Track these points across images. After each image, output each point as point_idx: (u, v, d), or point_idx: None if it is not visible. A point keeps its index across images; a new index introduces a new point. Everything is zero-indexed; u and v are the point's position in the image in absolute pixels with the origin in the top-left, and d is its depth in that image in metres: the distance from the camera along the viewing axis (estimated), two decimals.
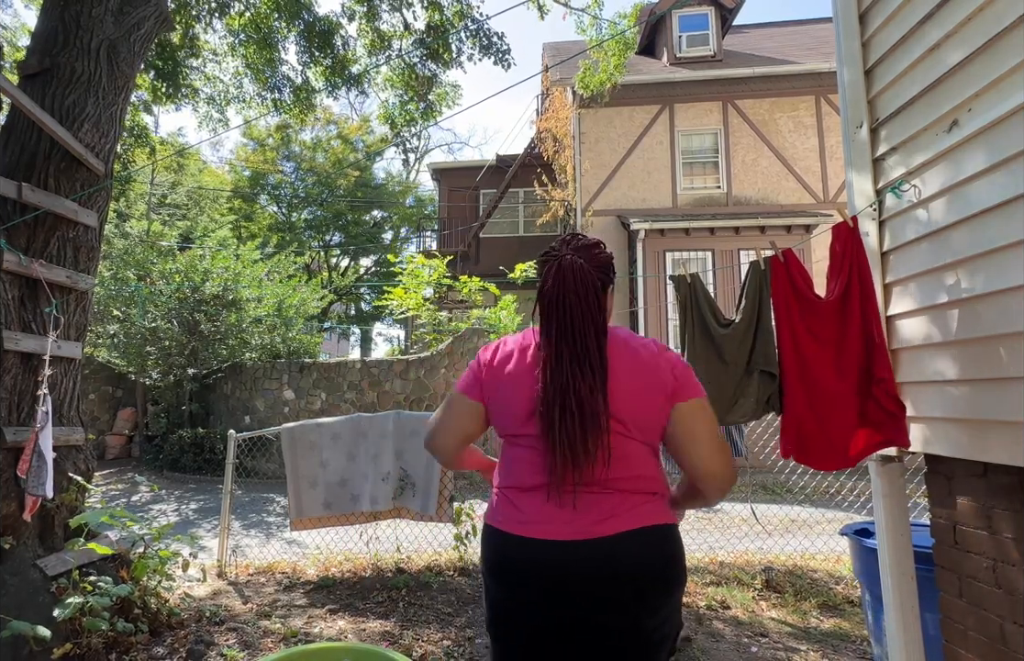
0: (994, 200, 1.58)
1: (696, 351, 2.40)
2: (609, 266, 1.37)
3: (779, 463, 6.32)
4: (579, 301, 1.24)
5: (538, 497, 1.22)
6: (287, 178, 21.91)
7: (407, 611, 3.51)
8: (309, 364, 10.22)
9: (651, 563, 1.18)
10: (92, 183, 3.48)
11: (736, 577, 4.09)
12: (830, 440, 2.08)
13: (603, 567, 1.15)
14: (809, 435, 2.12)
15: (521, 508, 1.24)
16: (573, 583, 1.16)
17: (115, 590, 2.79)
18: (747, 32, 14.86)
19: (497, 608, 1.27)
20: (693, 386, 1.27)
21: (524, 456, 1.26)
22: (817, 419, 2.10)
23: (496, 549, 1.25)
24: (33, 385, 3.04)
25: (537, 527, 1.20)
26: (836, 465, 2.09)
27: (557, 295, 1.25)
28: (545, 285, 1.28)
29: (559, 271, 1.27)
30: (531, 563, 1.19)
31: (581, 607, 1.16)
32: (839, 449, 2.06)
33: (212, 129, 8.28)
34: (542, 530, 1.19)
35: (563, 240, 1.36)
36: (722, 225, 10.15)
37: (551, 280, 1.27)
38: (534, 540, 1.19)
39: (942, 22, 1.76)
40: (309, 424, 4.28)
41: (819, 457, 2.11)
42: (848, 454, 2.05)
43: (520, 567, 1.20)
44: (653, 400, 1.24)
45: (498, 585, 1.25)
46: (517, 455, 1.28)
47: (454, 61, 7.12)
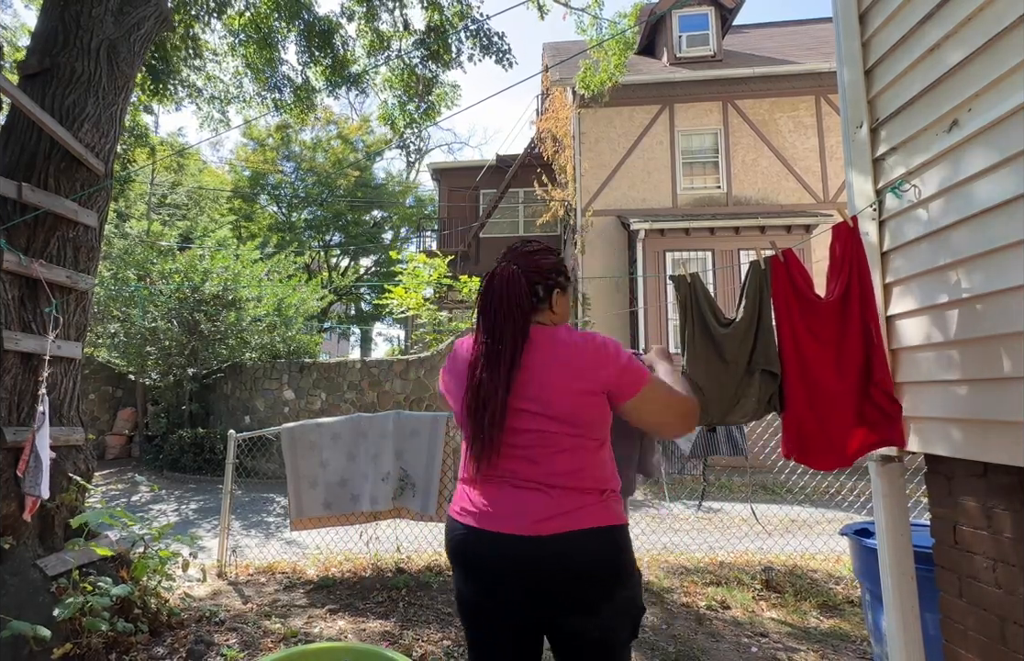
0: (994, 200, 1.58)
1: (696, 351, 2.40)
2: (552, 270, 1.42)
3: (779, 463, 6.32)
4: (502, 305, 1.33)
5: (476, 489, 1.33)
6: (287, 178, 21.90)
7: (407, 611, 3.52)
8: (309, 364, 10.22)
9: (595, 563, 1.23)
10: (92, 183, 3.48)
11: (736, 577, 4.09)
12: (829, 440, 2.08)
13: (550, 564, 1.21)
14: (809, 435, 2.12)
15: (468, 498, 1.34)
16: (523, 577, 1.23)
17: (115, 590, 2.79)
18: (747, 32, 14.86)
19: (459, 595, 1.37)
20: (634, 379, 1.31)
21: (466, 449, 1.36)
22: (817, 419, 2.10)
23: (453, 539, 1.35)
24: (33, 385, 3.04)
25: (488, 520, 1.27)
26: (834, 464, 2.09)
27: (484, 302, 1.36)
28: (480, 291, 1.40)
29: (490, 279, 1.38)
30: (482, 553, 1.27)
31: (530, 600, 1.24)
32: (837, 448, 2.07)
33: (212, 129, 8.29)
34: (492, 523, 1.26)
35: (509, 248, 1.46)
36: (722, 225, 10.15)
37: (483, 287, 1.39)
38: (484, 531, 1.27)
39: (942, 22, 1.76)
40: (309, 424, 4.28)
41: (818, 457, 2.12)
42: (846, 453, 2.06)
43: (472, 556, 1.29)
44: (587, 397, 1.28)
45: (458, 573, 1.35)
46: (465, 448, 1.38)
47: (454, 61, 7.12)
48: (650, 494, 7.53)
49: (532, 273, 1.38)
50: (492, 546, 1.25)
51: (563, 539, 1.21)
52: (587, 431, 1.28)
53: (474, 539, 1.28)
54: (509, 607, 1.26)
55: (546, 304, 1.40)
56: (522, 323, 1.32)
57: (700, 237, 10.30)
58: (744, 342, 2.30)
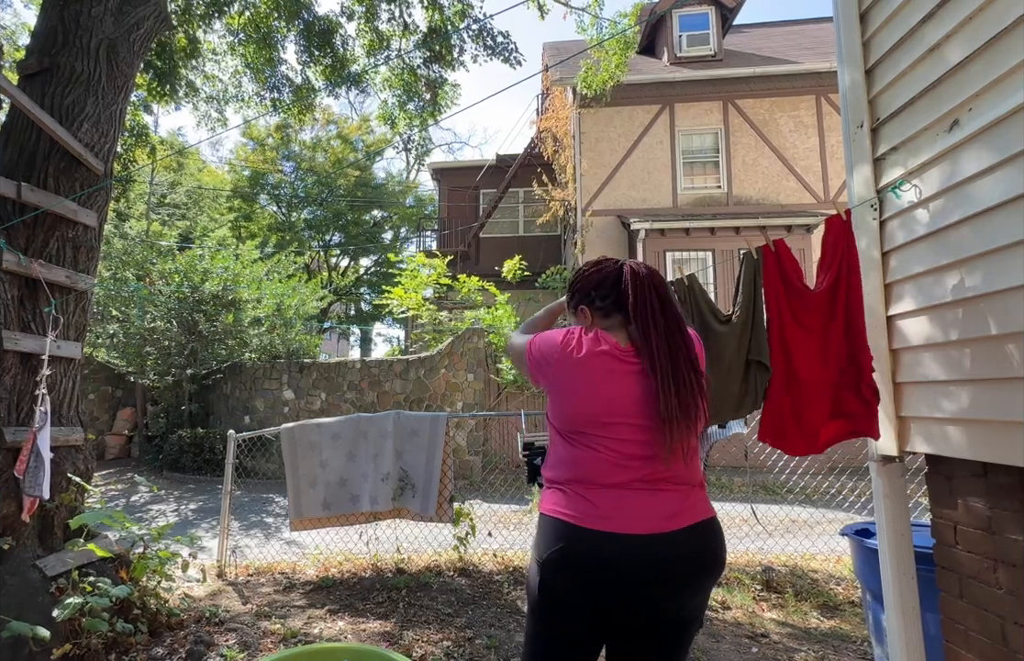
0: (995, 200, 1.58)
1: None
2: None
3: (779, 463, 6.32)
4: (665, 289, 1.38)
5: (625, 495, 1.26)
6: (287, 178, 21.89)
7: (407, 611, 3.51)
8: (309, 364, 10.21)
9: (714, 551, 1.29)
10: (92, 183, 3.47)
11: (736, 577, 4.09)
12: (803, 427, 2.11)
13: (678, 559, 1.23)
14: (785, 420, 2.16)
15: (606, 505, 1.26)
16: (655, 572, 1.22)
17: (114, 591, 2.79)
18: (747, 32, 14.86)
19: (555, 594, 1.27)
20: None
21: (596, 455, 1.29)
22: (794, 405, 2.14)
23: (582, 547, 1.24)
24: (33, 385, 3.04)
25: (627, 522, 1.24)
26: (806, 451, 2.14)
27: (646, 298, 1.35)
28: (625, 289, 1.37)
29: (636, 276, 1.37)
30: (620, 557, 1.22)
31: (682, 595, 1.25)
32: (810, 435, 2.11)
33: (212, 129, 8.28)
34: (631, 524, 1.23)
35: (611, 260, 1.50)
36: (722, 225, 10.15)
37: (632, 284, 1.37)
38: (625, 536, 1.22)
39: (942, 22, 1.76)
40: (309, 424, 4.27)
41: (792, 443, 2.14)
42: (818, 441, 2.09)
43: (607, 561, 1.22)
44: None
45: (572, 578, 1.25)
46: (586, 454, 1.30)
47: (456, 62, 7.11)
48: None
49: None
50: (633, 549, 1.22)
51: (694, 531, 1.26)
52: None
53: (616, 544, 1.22)
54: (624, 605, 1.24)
55: None
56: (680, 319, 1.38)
57: (700, 237, 10.30)
58: (743, 336, 2.31)
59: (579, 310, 1.48)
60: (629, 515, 1.24)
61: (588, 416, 1.30)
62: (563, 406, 1.35)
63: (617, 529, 1.22)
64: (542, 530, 1.31)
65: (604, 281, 1.43)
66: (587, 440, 1.30)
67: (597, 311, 1.43)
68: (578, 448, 1.31)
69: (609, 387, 1.30)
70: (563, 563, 1.24)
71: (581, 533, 1.24)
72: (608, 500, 1.26)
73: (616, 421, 1.28)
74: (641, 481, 1.26)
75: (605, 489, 1.27)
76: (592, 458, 1.29)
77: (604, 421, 1.29)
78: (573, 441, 1.33)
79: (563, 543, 1.25)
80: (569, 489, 1.30)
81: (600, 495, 1.26)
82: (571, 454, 1.32)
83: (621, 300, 1.38)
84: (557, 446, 1.38)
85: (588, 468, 1.29)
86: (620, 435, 1.28)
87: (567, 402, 1.34)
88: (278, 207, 22.17)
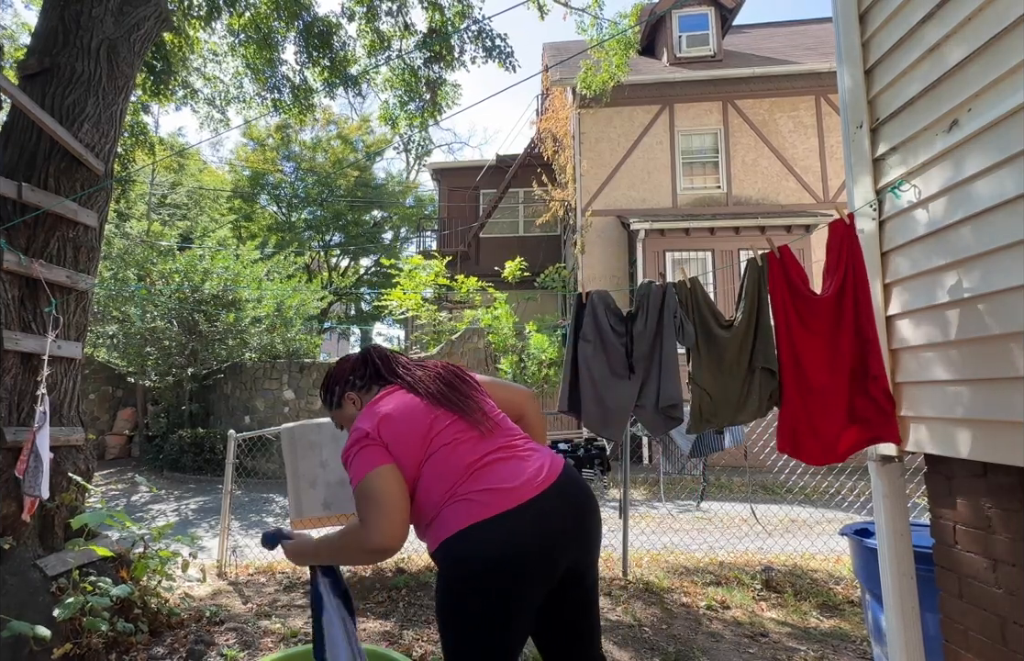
0: (994, 200, 1.58)
1: (701, 357, 2.40)
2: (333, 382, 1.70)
3: (779, 463, 6.32)
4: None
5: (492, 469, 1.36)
6: (287, 178, 21.90)
7: (407, 611, 3.51)
8: (309, 364, 10.21)
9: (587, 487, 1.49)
10: (92, 183, 3.48)
11: (736, 577, 4.09)
12: (819, 435, 2.09)
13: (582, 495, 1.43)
14: (802, 430, 2.13)
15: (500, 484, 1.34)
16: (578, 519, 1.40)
17: (115, 590, 2.79)
18: (747, 32, 14.86)
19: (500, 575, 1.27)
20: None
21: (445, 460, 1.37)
22: (809, 414, 2.12)
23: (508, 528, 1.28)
24: (33, 385, 3.04)
25: (519, 492, 1.32)
26: (825, 460, 2.11)
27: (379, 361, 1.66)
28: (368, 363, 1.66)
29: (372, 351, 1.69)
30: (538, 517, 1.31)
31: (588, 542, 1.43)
32: (828, 444, 2.08)
33: (213, 129, 8.30)
34: (525, 491, 1.32)
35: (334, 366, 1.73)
36: (722, 225, 10.15)
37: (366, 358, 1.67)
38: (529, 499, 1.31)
39: (942, 22, 1.76)
40: (309, 424, 4.27)
41: (810, 452, 2.13)
42: (837, 450, 2.08)
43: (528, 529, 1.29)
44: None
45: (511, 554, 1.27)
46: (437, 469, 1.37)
47: (456, 62, 7.11)
48: (650, 494, 7.53)
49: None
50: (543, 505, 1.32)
51: (568, 473, 1.43)
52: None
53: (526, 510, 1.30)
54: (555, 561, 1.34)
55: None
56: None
57: (700, 237, 10.30)
58: (745, 341, 2.31)
59: (345, 399, 1.63)
60: (508, 488, 1.31)
61: (425, 442, 1.38)
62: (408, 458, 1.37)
63: (516, 502, 1.29)
64: (461, 544, 1.28)
65: (355, 367, 1.65)
66: (437, 456, 1.37)
67: (358, 391, 1.62)
68: (437, 465, 1.36)
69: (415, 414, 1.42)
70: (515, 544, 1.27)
71: (498, 520, 1.27)
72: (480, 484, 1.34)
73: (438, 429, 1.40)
74: (494, 453, 1.38)
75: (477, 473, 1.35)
76: (451, 465, 1.36)
77: (434, 435, 1.39)
78: (430, 466, 1.37)
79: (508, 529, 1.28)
80: (445, 508, 1.33)
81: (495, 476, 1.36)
82: (435, 476, 1.36)
83: (375, 371, 1.61)
84: (427, 491, 1.36)
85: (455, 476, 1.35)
86: (449, 435, 1.40)
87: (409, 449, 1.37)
88: (278, 207, 22.17)
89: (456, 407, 1.45)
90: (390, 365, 1.62)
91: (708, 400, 2.35)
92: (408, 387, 1.51)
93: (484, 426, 1.43)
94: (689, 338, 2.41)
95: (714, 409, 2.35)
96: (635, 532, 4.97)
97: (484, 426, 1.43)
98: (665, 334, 2.49)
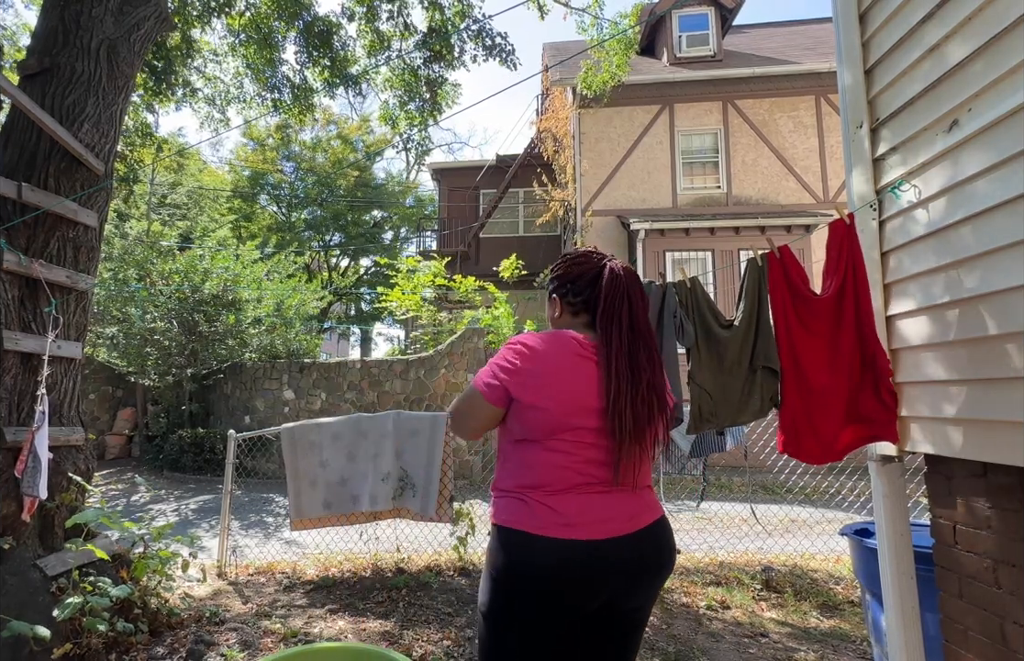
0: (994, 200, 1.58)
1: (701, 357, 2.39)
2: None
3: (779, 463, 6.32)
4: (642, 301, 1.34)
5: (592, 499, 1.26)
6: (287, 178, 21.90)
7: (407, 611, 3.51)
8: (309, 364, 10.21)
9: (670, 547, 1.34)
10: (92, 183, 3.48)
11: (736, 577, 4.09)
12: (819, 435, 2.10)
13: (641, 557, 1.26)
14: (802, 430, 2.13)
15: (573, 511, 1.23)
16: (619, 574, 1.24)
17: (115, 591, 2.79)
18: (747, 32, 14.86)
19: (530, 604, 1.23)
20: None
21: (557, 459, 1.26)
22: (808, 413, 2.12)
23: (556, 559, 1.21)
24: (33, 385, 3.04)
25: (595, 528, 1.23)
26: (824, 459, 2.12)
27: (623, 293, 1.32)
28: (601, 285, 1.35)
29: (614, 273, 1.35)
30: (591, 562, 1.21)
31: (644, 594, 1.30)
32: (827, 443, 2.08)
33: (213, 129, 8.29)
34: (599, 529, 1.23)
35: (596, 252, 1.44)
36: (722, 225, 10.15)
37: (609, 282, 1.33)
38: (595, 541, 1.22)
39: (942, 22, 1.76)
40: (309, 424, 4.27)
41: (809, 452, 2.13)
42: (835, 448, 2.08)
43: (580, 569, 1.21)
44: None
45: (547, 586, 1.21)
46: (547, 458, 1.27)
47: (457, 61, 7.11)
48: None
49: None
50: (602, 552, 1.22)
51: (655, 528, 1.31)
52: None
53: (586, 551, 1.21)
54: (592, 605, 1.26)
55: None
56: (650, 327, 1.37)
57: (700, 237, 10.30)
58: (746, 341, 2.30)
59: (551, 298, 1.47)
60: (591, 520, 1.23)
61: (555, 413, 1.25)
62: (527, 409, 1.27)
63: (582, 536, 1.21)
64: (503, 542, 1.26)
65: (581, 277, 1.40)
66: (548, 444, 1.27)
67: (567, 306, 1.42)
68: (538, 452, 1.27)
69: (575, 380, 1.27)
70: (533, 574, 1.21)
71: (547, 543, 1.20)
72: (570, 506, 1.24)
73: (577, 423, 1.26)
74: (600, 484, 1.26)
75: (565, 494, 1.25)
76: (551, 462, 1.26)
77: (567, 421, 1.25)
78: (531, 447, 1.29)
79: (529, 554, 1.21)
80: (527, 497, 1.26)
81: (560, 501, 1.24)
82: (530, 459, 1.28)
83: (592, 302, 1.37)
84: (511, 455, 1.34)
85: (547, 474, 1.26)
86: (581, 439, 1.26)
87: (537, 397, 1.26)
88: (278, 207, 22.17)
89: (622, 437, 1.24)
90: (613, 311, 1.31)
91: (708, 400, 2.35)
92: (603, 361, 1.28)
93: (623, 480, 1.27)
94: (689, 338, 2.41)
95: (714, 409, 2.35)
96: None
97: (623, 480, 1.27)
98: (665, 334, 2.49)
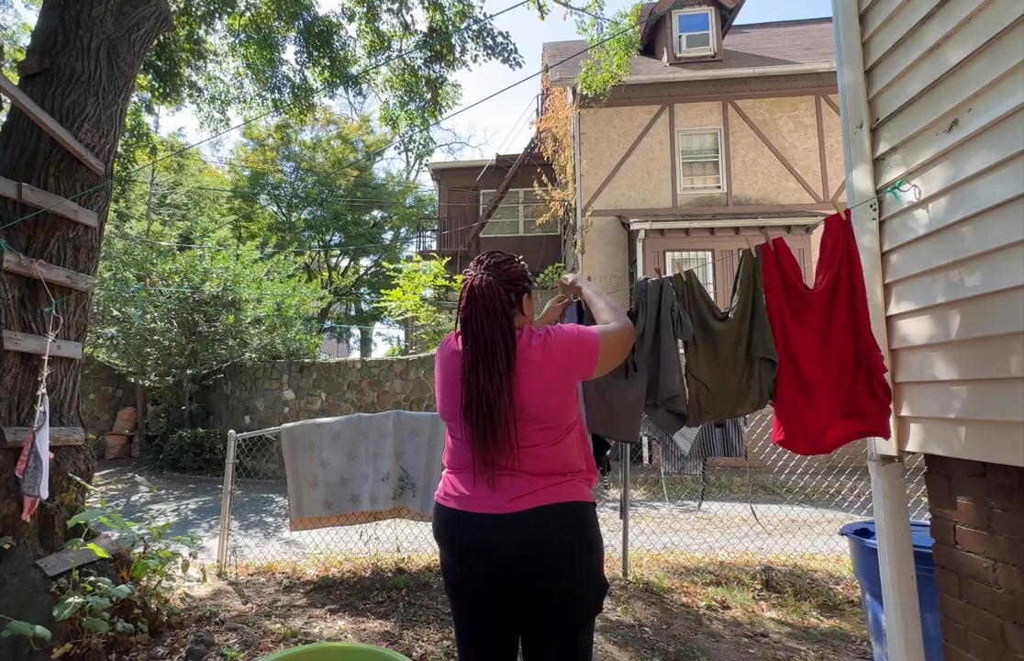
0: (995, 200, 1.58)
1: (698, 350, 2.40)
2: (520, 278, 1.57)
3: (779, 463, 6.32)
4: (488, 317, 1.44)
5: (468, 477, 1.46)
6: (287, 178, 21.90)
7: (407, 611, 3.51)
8: (309, 364, 10.21)
9: (557, 533, 1.39)
10: (92, 183, 3.48)
11: (736, 577, 4.09)
12: (808, 427, 2.11)
13: (517, 536, 1.38)
14: (792, 420, 2.15)
15: (456, 487, 1.48)
16: (497, 549, 1.39)
17: (115, 591, 2.79)
18: (747, 32, 14.86)
19: (444, 568, 1.52)
20: (597, 348, 1.49)
21: (455, 444, 1.52)
22: (798, 405, 2.13)
23: (439, 521, 1.50)
24: (33, 385, 3.04)
25: (468, 502, 1.44)
26: (811, 451, 2.13)
27: (470, 314, 1.46)
28: (460, 304, 1.50)
29: (471, 292, 1.48)
30: (463, 531, 1.43)
31: (504, 567, 1.39)
32: (815, 435, 2.09)
33: (213, 129, 8.27)
34: (471, 504, 1.43)
35: (476, 260, 1.58)
36: (722, 225, 10.15)
37: (464, 300, 1.49)
38: (465, 512, 1.43)
39: (942, 22, 1.76)
40: (309, 424, 4.27)
41: (800, 442, 2.14)
42: (824, 441, 2.08)
43: (455, 535, 1.45)
44: (569, 395, 1.46)
45: (444, 550, 1.50)
46: (452, 442, 1.54)
47: (458, 61, 7.11)
48: (650, 494, 7.53)
49: (505, 283, 1.50)
50: (473, 524, 1.42)
51: (534, 513, 1.38)
52: (560, 424, 1.45)
53: (458, 519, 1.44)
54: (488, 577, 1.42)
55: (518, 308, 1.55)
56: (509, 333, 1.44)
57: (700, 237, 10.31)
58: (741, 333, 2.31)
59: (527, 299, 1.63)
60: (464, 495, 1.45)
61: (440, 406, 1.56)
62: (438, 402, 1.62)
63: (453, 506, 1.45)
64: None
65: (461, 292, 1.58)
66: (449, 430, 1.57)
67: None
68: (448, 437, 1.58)
69: (449, 380, 1.52)
70: (442, 540, 1.48)
71: (436, 509, 1.51)
72: (452, 481, 1.50)
73: (451, 417, 1.51)
74: (484, 466, 1.41)
75: (453, 472, 1.51)
76: (449, 446, 1.56)
77: (447, 413, 1.53)
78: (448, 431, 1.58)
79: (439, 522, 1.50)
80: (446, 474, 1.55)
81: (449, 477, 1.52)
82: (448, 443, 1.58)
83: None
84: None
85: (448, 455, 1.55)
86: (454, 430, 1.52)
87: (437, 392, 1.60)
88: (278, 207, 22.17)
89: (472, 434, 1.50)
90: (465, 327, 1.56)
91: (706, 391, 2.36)
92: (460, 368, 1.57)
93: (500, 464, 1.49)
94: (687, 331, 2.41)
95: (712, 401, 2.35)
96: (635, 532, 4.98)
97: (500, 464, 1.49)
98: (663, 329, 2.49)
